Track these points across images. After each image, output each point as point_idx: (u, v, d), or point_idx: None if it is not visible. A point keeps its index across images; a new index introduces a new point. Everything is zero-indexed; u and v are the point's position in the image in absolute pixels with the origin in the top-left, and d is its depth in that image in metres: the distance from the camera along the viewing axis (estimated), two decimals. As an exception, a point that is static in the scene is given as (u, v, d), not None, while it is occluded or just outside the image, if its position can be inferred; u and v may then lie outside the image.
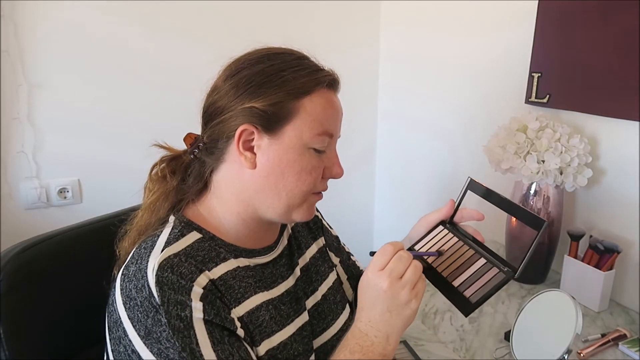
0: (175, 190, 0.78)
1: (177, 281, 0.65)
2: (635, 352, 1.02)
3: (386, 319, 0.69)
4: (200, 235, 0.73)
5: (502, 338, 1.09)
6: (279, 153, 0.71)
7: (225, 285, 0.70)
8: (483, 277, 0.74)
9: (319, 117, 0.72)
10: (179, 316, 0.63)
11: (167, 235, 0.72)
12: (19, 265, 0.79)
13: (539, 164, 1.19)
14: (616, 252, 1.16)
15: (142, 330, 0.64)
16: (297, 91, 0.70)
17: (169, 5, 1.66)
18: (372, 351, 0.68)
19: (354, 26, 2.02)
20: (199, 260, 0.70)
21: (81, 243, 0.88)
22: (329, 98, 0.73)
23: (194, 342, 0.63)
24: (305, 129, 0.71)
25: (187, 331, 0.63)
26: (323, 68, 0.75)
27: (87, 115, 1.63)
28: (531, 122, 1.23)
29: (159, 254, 0.67)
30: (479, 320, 1.14)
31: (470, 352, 1.05)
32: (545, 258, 1.31)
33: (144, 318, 0.64)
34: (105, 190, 1.69)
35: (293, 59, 0.73)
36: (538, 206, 1.26)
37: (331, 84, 0.74)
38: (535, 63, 1.37)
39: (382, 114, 2.17)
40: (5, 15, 1.47)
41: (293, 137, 0.71)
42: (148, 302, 0.64)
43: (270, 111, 0.70)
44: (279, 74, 0.70)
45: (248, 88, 0.70)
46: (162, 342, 0.62)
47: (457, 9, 1.66)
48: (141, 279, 0.65)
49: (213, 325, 0.65)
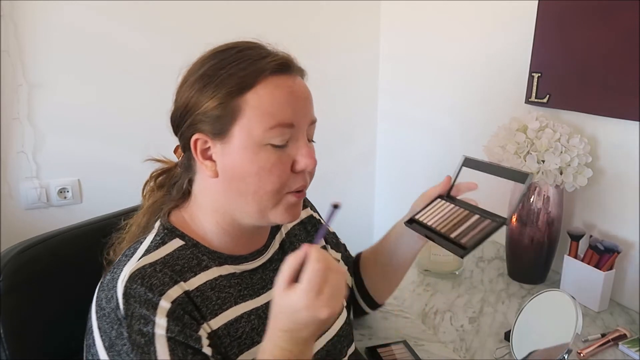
0: (160, 203, 0.78)
1: (145, 294, 0.63)
2: (635, 352, 1.02)
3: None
4: (183, 242, 0.72)
5: (502, 338, 1.09)
6: (232, 157, 0.67)
7: (202, 297, 0.68)
8: (477, 228, 0.79)
9: (267, 109, 0.65)
10: (141, 331, 0.61)
11: (148, 243, 0.71)
12: (19, 265, 0.79)
13: (539, 164, 1.19)
14: (616, 252, 1.16)
15: (106, 341, 0.63)
16: (237, 88, 0.65)
17: (169, 5, 1.66)
18: None
19: (354, 26, 2.02)
20: (177, 270, 0.68)
21: (81, 243, 0.88)
22: (278, 85, 0.66)
23: (153, 359, 0.61)
24: (254, 126, 0.65)
25: (147, 347, 0.61)
26: (268, 54, 0.68)
27: (87, 115, 1.63)
28: (531, 122, 1.23)
29: (135, 262, 0.66)
30: (479, 320, 1.14)
31: (470, 352, 1.05)
32: (545, 258, 1.30)
33: (109, 329, 0.63)
34: (105, 190, 1.69)
35: (234, 52, 0.68)
36: (538, 206, 1.26)
37: (281, 69, 0.67)
38: (535, 63, 1.37)
39: (382, 114, 2.17)
40: (5, 15, 1.47)
41: (242, 137, 0.66)
42: (114, 313, 0.63)
43: (214, 115, 0.66)
44: (217, 74, 0.67)
45: (193, 95, 0.68)
46: (123, 355, 0.61)
47: (457, 9, 1.66)
48: (112, 289, 0.64)
49: (176, 342, 0.63)
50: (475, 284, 1.33)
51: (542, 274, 1.33)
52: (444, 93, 1.79)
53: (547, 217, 1.26)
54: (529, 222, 1.27)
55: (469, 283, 1.34)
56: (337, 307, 0.58)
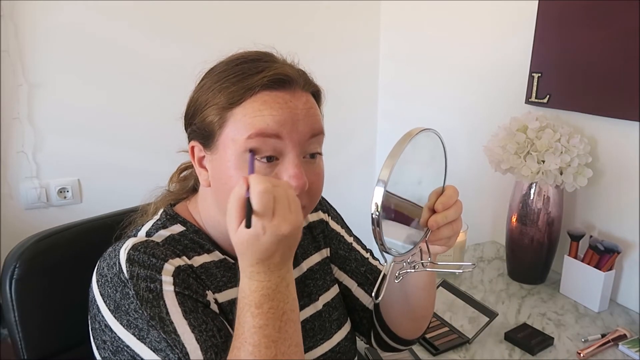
0: (175, 195, 0.79)
1: (148, 259, 0.64)
2: (635, 352, 1.02)
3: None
4: (184, 228, 0.73)
5: (502, 338, 1.09)
6: (219, 169, 0.66)
7: (207, 273, 0.69)
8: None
9: (250, 120, 0.63)
10: (148, 288, 0.62)
11: (149, 226, 0.72)
12: (36, 253, 0.82)
13: (539, 164, 1.19)
14: (616, 252, 1.16)
15: (111, 304, 0.63)
16: (227, 102, 0.65)
17: (169, 5, 1.66)
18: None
19: (354, 26, 2.02)
20: (180, 249, 0.69)
21: (98, 235, 0.88)
22: (267, 100, 0.64)
23: (164, 312, 0.61)
24: (237, 135, 0.64)
25: (156, 301, 0.62)
26: (265, 69, 0.65)
27: (87, 115, 1.63)
28: (531, 122, 1.23)
29: (137, 238, 0.68)
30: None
31: (470, 352, 1.05)
32: (545, 258, 1.30)
33: (113, 293, 0.63)
34: (105, 190, 1.69)
35: (233, 65, 0.68)
36: (538, 206, 1.26)
37: (274, 84, 0.65)
38: (535, 63, 1.37)
39: (382, 114, 2.17)
40: (5, 15, 1.47)
41: (227, 147, 0.65)
42: (117, 277, 0.63)
43: (203, 126, 0.67)
44: (212, 87, 0.67)
45: (192, 103, 0.70)
46: (131, 313, 0.62)
47: (457, 9, 1.66)
48: (114, 257, 0.65)
49: (185, 296, 0.63)
50: (475, 284, 1.33)
51: (542, 274, 1.33)
52: (444, 93, 1.79)
53: (547, 217, 1.26)
54: (529, 222, 1.27)
55: (469, 283, 1.34)
56: (296, 218, 0.56)
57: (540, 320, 1.17)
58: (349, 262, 0.88)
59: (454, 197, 0.67)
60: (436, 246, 0.69)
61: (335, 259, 0.88)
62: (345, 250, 0.89)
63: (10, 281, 0.79)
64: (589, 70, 1.24)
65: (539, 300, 1.26)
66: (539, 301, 1.25)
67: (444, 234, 0.66)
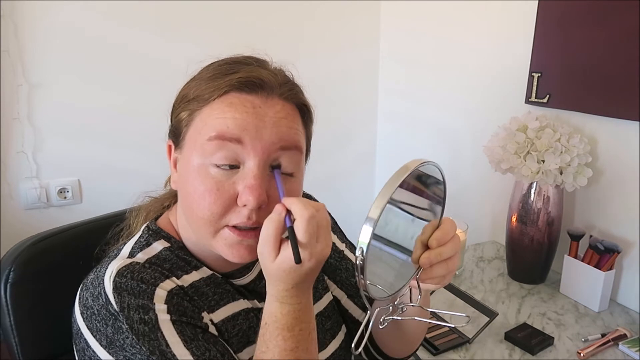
0: (160, 202, 0.76)
1: (138, 286, 0.59)
2: (635, 352, 1.02)
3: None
4: (168, 244, 0.68)
5: (503, 338, 1.09)
6: (182, 167, 0.63)
7: (198, 292, 0.65)
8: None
9: (213, 121, 0.59)
10: (142, 320, 0.57)
11: (131, 245, 0.67)
12: (31, 256, 0.80)
13: (539, 164, 1.19)
14: (616, 252, 1.16)
15: (103, 340, 0.58)
16: (197, 102, 0.62)
17: (170, 5, 1.66)
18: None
19: (354, 26, 2.02)
20: (166, 268, 0.64)
21: (94, 238, 0.88)
22: (234, 102, 0.60)
23: (163, 344, 0.57)
24: (199, 136, 0.60)
25: (153, 334, 0.57)
26: (241, 70, 0.62)
27: (87, 116, 1.63)
28: (531, 122, 1.23)
29: (120, 260, 0.63)
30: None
31: (470, 352, 1.05)
32: (545, 258, 1.30)
33: (103, 327, 0.58)
34: (105, 190, 1.69)
35: (215, 66, 0.65)
36: (538, 206, 1.26)
37: (245, 87, 0.61)
38: (535, 63, 1.37)
39: (382, 114, 2.17)
40: (5, 15, 1.47)
41: (190, 147, 0.62)
42: (105, 309, 0.58)
43: (175, 123, 0.65)
44: (190, 85, 0.65)
45: (175, 102, 0.68)
46: (127, 348, 0.57)
47: (457, 8, 1.66)
48: (97, 286, 0.60)
49: (183, 324, 0.59)
50: (475, 284, 1.33)
51: (542, 274, 1.33)
52: (444, 93, 1.79)
53: (547, 217, 1.26)
54: (529, 222, 1.27)
55: (469, 283, 1.34)
56: (330, 238, 0.55)
57: (540, 320, 1.17)
58: (339, 272, 0.84)
59: (451, 232, 0.59)
60: (429, 284, 0.62)
61: (325, 268, 0.83)
62: (335, 259, 0.84)
63: (6, 285, 0.77)
64: (589, 70, 1.24)
65: (539, 300, 1.26)
66: (539, 301, 1.25)
67: (437, 272, 0.59)
